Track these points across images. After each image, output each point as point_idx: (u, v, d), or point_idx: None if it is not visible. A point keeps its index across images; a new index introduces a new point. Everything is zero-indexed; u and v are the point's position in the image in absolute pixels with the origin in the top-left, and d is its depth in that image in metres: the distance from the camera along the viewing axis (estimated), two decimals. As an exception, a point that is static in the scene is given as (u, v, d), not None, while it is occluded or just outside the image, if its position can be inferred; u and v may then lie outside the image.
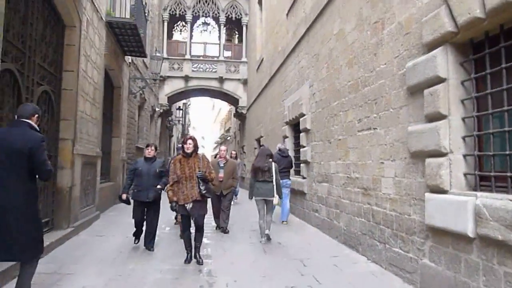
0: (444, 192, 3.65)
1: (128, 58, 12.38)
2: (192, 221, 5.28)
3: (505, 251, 2.95)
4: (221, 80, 20.67)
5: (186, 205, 5.14)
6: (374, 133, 5.25)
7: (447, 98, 3.66)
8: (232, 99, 22.16)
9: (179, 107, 25.33)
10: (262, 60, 15.44)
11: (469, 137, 3.59)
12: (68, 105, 6.63)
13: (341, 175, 6.50)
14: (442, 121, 3.68)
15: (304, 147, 8.73)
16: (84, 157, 7.30)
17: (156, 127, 20.02)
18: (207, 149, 74.02)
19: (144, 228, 6.06)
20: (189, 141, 5.25)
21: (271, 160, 6.98)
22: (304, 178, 8.77)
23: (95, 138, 8.25)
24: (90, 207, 7.88)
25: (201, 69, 20.83)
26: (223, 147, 7.94)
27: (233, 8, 21.26)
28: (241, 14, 21.20)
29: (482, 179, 3.47)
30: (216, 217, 7.69)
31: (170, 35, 23.33)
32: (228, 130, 41.77)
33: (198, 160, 5.26)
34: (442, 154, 3.68)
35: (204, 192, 5.14)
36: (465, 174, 3.60)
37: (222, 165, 7.58)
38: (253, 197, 6.81)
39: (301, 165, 9.00)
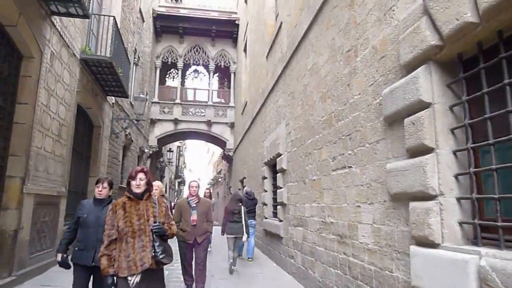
0: (434, 246, 2.61)
1: (112, 99, 11.51)
2: None
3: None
4: (209, 123, 19.86)
5: (130, 280, 2.91)
6: (349, 172, 4.26)
7: (433, 127, 2.71)
8: (220, 142, 21.26)
9: (170, 149, 24.34)
10: (246, 103, 14.69)
11: (464, 175, 2.61)
12: (19, 140, 5.60)
13: (315, 219, 5.44)
14: (428, 155, 2.72)
15: (280, 188, 7.70)
16: (39, 197, 6.18)
17: (144, 168, 18.91)
18: (202, 191, 72.27)
19: None
20: (140, 174, 3.13)
21: (240, 204, 7.66)
22: (280, 221, 7.66)
23: (58, 177, 7.15)
24: (46, 251, 6.65)
25: (190, 113, 20.06)
26: (194, 183, 5.56)
27: (222, 57, 20.86)
28: (229, 62, 20.77)
29: (484, 230, 2.46)
30: (187, 273, 5.41)
31: (163, 81, 22.78)
32: (219, 172, 40.68)
33: (153, 205, 3.15)
34: (429, 197, 2.68)
35: (160, 256, 2.99)
36: (460, 223, 2.59)
37: (194, 205, 5.32)
38: (225, 234, 7.49)
39: (278, 207, 7.92)
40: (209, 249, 7.69)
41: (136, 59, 15.49)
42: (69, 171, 7.81)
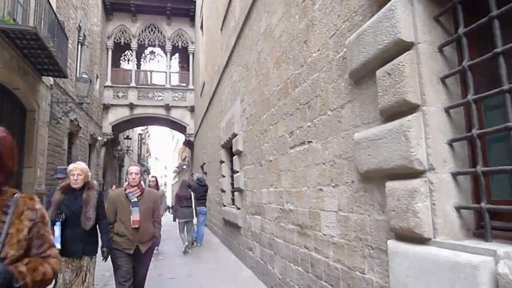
0: (422, 241, 1.85)
1: (49, 80, 10.18)
2: None
3: None
4: (167, 107, 18.65)
5: None
6: (309, 148, 3.46)
7: (417, 76, 1.93)
8: (180, 127, 20.11)
9: (128, 136, 22.92)
10: (204, 84, 13.66)
11: (462, 140, 1.86)
12: None
13: (273, 206, 4.64)
14: (411, 116, 1.93)
15: (237, 172, 6.87)
16: None
17: (99, 157, 17.54)
18: (169, 180, 70.46)
19: None
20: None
21: (190, 190, 8.23)
22: (238, 208, 6.84)
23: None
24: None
25: (147, 97, 18.75)
26: (133, 168, 4.02)
27: (179, 36, 19.55)
28: (187, 42, 19.50)
29: (495, 217, 1.71)
30: None
31: (117, 64, 21.22)
32: (184, 159, 39.39)
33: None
34: (414, 174, 1.91)
35: None
36: (458, 209, 1.83)
37: (134, 199, 3.82)
38: (177, 220, 8.20)
39: (235, 193, 7.09)
40: (155, 251, 6.76)
41: (81, 38, 14.03)
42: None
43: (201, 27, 15.37)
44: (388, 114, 2.13)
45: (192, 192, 8.15)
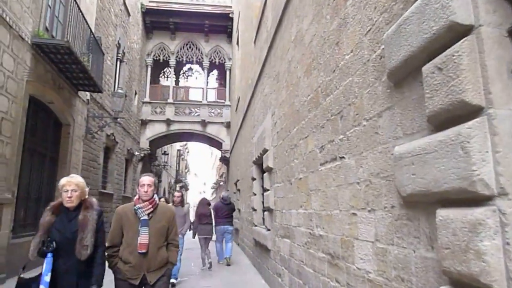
0: (492, 295, 1.34)
1: (86, 95, 10.35)
2: None
3: None
4: (204, 123, 18.65)
5: None
6: (341, 165, 2.99)
7: (479, 68, 1.44)
8: (216, 143, 20.05)
9: (165, 151, 23.15)
10: (239, 99, 13.46)
11: (549, 155, 1.34)
12: None
13: (302, 229, 4.15)
14: (471, 121, 1.44)
15: (267, 190, 6.44)
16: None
17: (135, 172, 17.74)
18: (207, 196, 70.84)
19: None
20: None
21: (209, 207, 8.59)
22: (268, 230, 6.38)
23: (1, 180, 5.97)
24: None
25: (184, 113, 18.88)
26: (146, 179, 3.24)
27: (217, 53, 19.68)
28: (224, 58, 19.59)
29: None
30: None
31: (156, 81, 21.64)
32: (221, 176, 39.46)
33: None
34: (478, 200, 1.41)
35: None
36: (545, 251, 1.31)
37: (145, 216, 3.12)
38: (197, 236, 8.24)
39: (265, 213, 6.65)
40: (173, 280, 6.26)
41: (120, 55, 14.36)
42: (17, 174, 6.61)
43: (237, 43, 15.31)
44: (439, 121, 1.64)
45: (212, 210, 8.43)
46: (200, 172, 76.36)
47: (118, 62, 14.36)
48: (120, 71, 14.69)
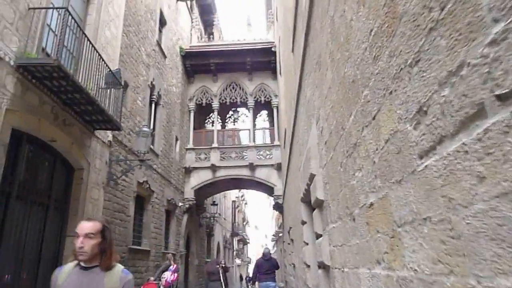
0: None
1: (107, 136, 9.07)
2: None
3: None
4: (252, 167, 16.86)
5: None
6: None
7: None
8: (266, 188, 18.05)
9: (214, 202, 21.44)
10: (285, 132, 11.57)
11: None
12: None
13: (387, 314, 1.94)
14: None
15: (319, 236, 4.25)
16: None
17: (180, 225, 16.08)
18: (270, 248, 67.21)
19: None
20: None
21: (217, 266, 9.71)
22: (325, 299, 4.10)
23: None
24: None
25: (230, 158, 17.30)
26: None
27: (262, 91, 18.30)
28: (270, 96, 18.12)
29: None
30: None
31: (202, 127, 20.52)
32: (280, 226, 36.83)
33: None
34: None
35: None
36: None
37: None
38: None
39: (319, 272, 4.39)
40: None
41: (154, 97, 13.31)
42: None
43: (280, 72, 13.72)
44: None
45: (219, 268, 9.44)
46: (261, 224, 73.82)
47: (153, 105, 13.30)
48: (156, 114, 13.60)
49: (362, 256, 2.41)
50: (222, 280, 8.83)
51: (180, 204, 15.76)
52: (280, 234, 34.50)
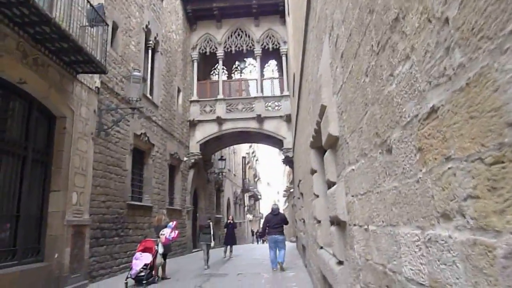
0: None
1: (94, 81, 8.10)
2: None
3: None
4: (260, 119, 15.86)
5: None
6: None
7: None
8: (276, 142, 17.12)
9: (222, 157, 20.64)
10: (294, 77, 10.43)
11: None
12: None
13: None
14: None
15: (332, 185, 3.31)
16: None
17: (187, 180, 15.44)
18: (280, 205, 67.50)
19: None
20: None
21: (209, 221, 10.77)
22: (339, 262, 3.21)
23: None
24: None
25: (236, 110, 16.27)
26: None
27: (269, 37, 16.89)
28: (278, 43, 16.71)
29: None
30: None
31: (206, 78, 19.33)
32: (291, 182, 36.36)
33: None
34: None
35: None
36: None
37: None
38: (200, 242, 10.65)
39: (332, 229, 3.47)
40: None
41: (151, 42, 12.15)
42: None
43: (288, 13, 12.33)
44: None
45: (210, 222, 10.68)
46: (273, 181, 73.95)
47: (150, 52, 12.17)
48: (154, 62, 12.50)
49: (406, 207, 1.46)
50: (211, 233, 10.21)
51: (185, 158, 15.01)
52: (291, 190, 34.08)
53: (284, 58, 16.60)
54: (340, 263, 3.19)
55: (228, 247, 12.98)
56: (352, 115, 2.42)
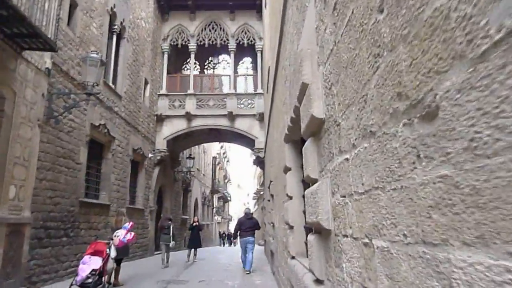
0: None
1: (44, 61, 7.12)
2: None
3: None
4: (231, 116, 15.10)
5: None
6: None
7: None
8: (247, 142, 16.39)
9: (190, 155, 19.68)
10: (268, 71, 9.76)
11: None
12: None
13: None
14: None
15: (312, 183, 2.62)
16: None
17: (151, 178, 14.45)
18: (251, 207, 66.64)
19: None
20: None
21: (169, 222, 11.06)
22: (319, 281, 2.52)
23: None
24: None
25: (207, 106, 15.46)
26: None
27: (244, 32, 16.19)
28: (254, 39, 16.04)
29: None
30: None
31: (178, 72, 18.38)
32: (262, 184, 35.72)
33: None
34: None
35: None
36: None
37: None
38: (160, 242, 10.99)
39: (310, 237, 2.78)
40: None
41: (116, 27, 11.17)
42: None
43: (265, 5, 11.67)
44: None
45: (170, 223, 11.02)
46: (244, 183, 73.13)
47: (115, 37, 11.18)
48: (119, 49, 11.52)
49: (474, 214, 0.77)
50: (171, 233, 10.58)
51: (150, 155, 14.02)
52: (261, 192, 33.46)
53: (259, 55, 15.93)
54: (319, 282, 2.50)
55: (193, 250, 12.16)
56: (348, 83, 1.73)
